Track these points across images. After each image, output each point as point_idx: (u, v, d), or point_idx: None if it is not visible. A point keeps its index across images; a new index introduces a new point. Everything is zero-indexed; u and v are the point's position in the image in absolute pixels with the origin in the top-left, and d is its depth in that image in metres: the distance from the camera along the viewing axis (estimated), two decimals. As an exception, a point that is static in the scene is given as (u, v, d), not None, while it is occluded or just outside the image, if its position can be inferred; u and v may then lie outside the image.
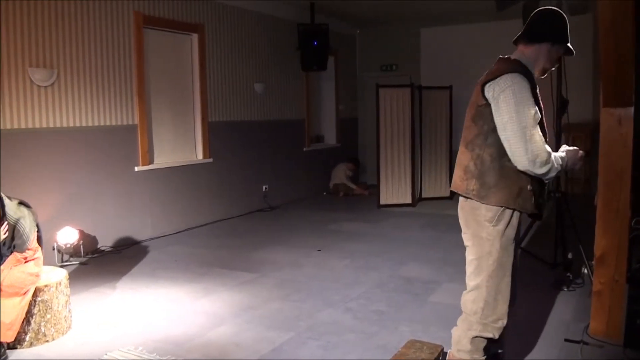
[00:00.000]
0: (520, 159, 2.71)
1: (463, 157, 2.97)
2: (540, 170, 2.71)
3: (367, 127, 11.99)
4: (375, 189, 9.53)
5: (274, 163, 9.40)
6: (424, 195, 9.62)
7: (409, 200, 9.13)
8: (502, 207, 2.80)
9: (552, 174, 2.75)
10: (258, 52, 9.02)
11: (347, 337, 3.92)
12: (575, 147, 2.90)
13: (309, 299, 4.74)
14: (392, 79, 10.91)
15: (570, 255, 4.99)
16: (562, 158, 2.80)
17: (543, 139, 2.72)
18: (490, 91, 2.77)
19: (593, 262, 3.93)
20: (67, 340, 3.97)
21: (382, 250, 6.30)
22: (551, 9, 2.90)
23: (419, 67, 11.31)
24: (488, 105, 2.78)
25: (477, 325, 2.90)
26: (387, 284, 5.12)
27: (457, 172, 3.00)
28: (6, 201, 3.77)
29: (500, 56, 2.92)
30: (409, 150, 9.07)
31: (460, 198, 3.00)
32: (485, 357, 2.96)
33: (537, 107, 2.78)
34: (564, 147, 2.91)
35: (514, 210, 2.82)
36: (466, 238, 2.98)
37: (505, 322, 2.91)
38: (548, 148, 2.72)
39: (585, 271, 4.87)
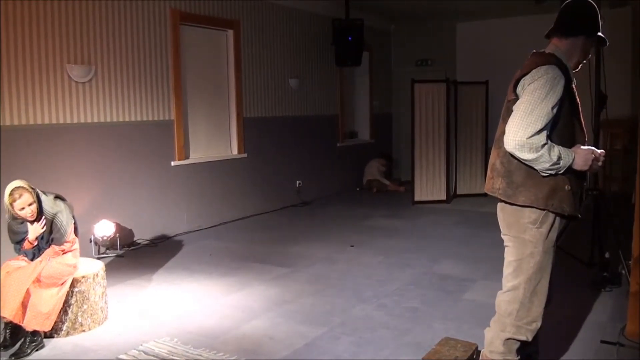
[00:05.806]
0: (508, 138, 2.63)
1: (492, 156, 2.93)
2: (526, 156, 2.60)
3: (401, 123, 11.93)
4: (409, 185, 9.48)
5: (307, 158, 9.43)
6: (458, 192, 9.53)
7: (443, 197, 9.06)
8: (544, 209, 2.73)
9: (545, 165, 2.61)
10: (293, 47, 9.05)
11: (381, 334, 3.92)
12: (590, 147, 2.73)
13: (342, 295, 4.75)
14: (427, 74, 10.81)
15: (607, 255, 4.90)
16: (567, 153, 2.64)
17: (545, 132, 2.59)
18: (522, 85, 2.71)
19: (630, 262, 3.85)
20: (103, 331, 4.06)
21: (416, 247, 6.27)
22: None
23: (455, 62, 11.21)
24: (517, 100, 2.71)
25: (510, 327, 2.87)
26: (420, 281, 5.10)
27: (488, 172, 2.97)
28: (42, 197, 3.86)
29: (534, 51, 2.85)
30: (444, 146, 8.98)
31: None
32: (518, 357, 2.92)
33: (571, 103, 2.72)
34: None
35: (553, 212, 2.74)
36: (507, 239, 2.92)
37: (539, 324, 2.86)
38: (545, 140, 2.59)
39: (623, 271, 4.77)
